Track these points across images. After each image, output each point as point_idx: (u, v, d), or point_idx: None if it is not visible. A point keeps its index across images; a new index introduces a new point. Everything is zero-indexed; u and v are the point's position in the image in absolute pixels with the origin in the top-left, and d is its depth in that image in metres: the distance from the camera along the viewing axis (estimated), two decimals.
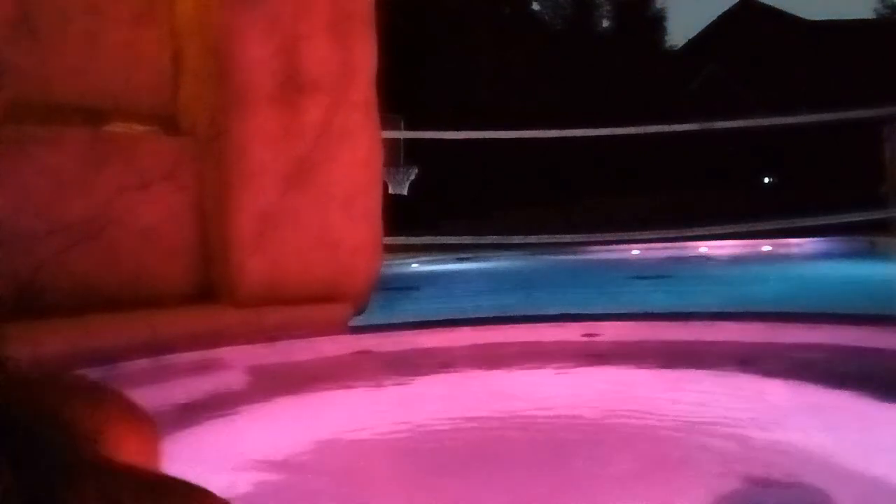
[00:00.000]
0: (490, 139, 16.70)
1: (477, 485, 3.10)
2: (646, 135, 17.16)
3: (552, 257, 14.44)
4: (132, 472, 0.54)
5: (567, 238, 15.32)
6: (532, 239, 15.73)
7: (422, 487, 3.14)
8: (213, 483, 0.61)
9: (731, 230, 14.56)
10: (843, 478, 2.94)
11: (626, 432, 3.67)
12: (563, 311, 7.01)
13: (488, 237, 16.18)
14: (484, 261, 15.15)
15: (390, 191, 14.26)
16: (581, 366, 5.17)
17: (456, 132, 16.04)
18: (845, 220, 13.75)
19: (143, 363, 5.06)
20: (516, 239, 15.91)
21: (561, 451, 3.45)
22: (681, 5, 36.05)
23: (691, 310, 6.91)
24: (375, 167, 7.37)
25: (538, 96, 26.09)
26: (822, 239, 14.36)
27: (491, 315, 7.11)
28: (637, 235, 15.44)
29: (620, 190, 24.90)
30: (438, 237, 16.13)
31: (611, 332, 6.10)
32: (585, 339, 5.95)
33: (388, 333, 6.49)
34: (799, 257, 13.10)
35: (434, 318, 6.99)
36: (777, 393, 4.27)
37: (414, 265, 14.28)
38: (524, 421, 3.93)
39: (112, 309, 5.96)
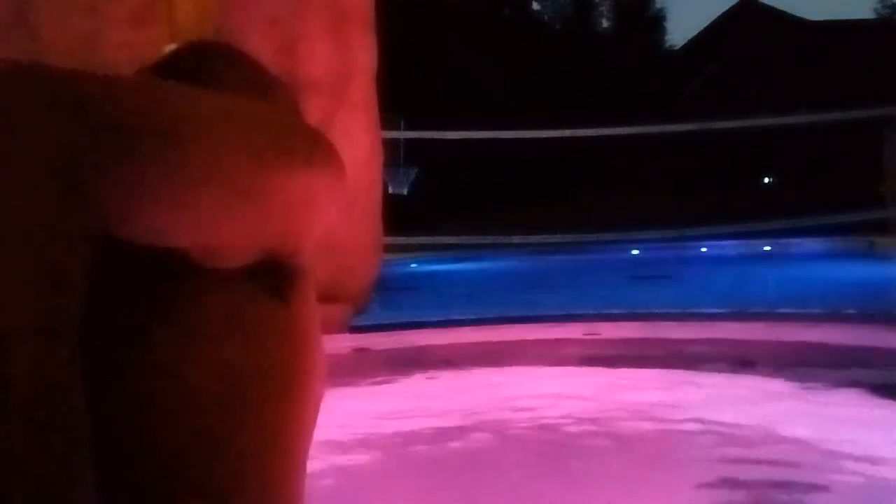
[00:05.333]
0: (490, 139, 16.69)
1: (475, 484, 3.10)
2: (646, 135, 17.15)
3: (552, 257, 14.43)
4: None
5: (567, 238, 15.31)
6: (532, 239, 15.71)
7: (420, 487, 3.14)
8: None
9: (731, 230, 14.55)
10: (844, 477, 2.94)
11: (625, 432, 3.67)
12: (563, 311, 7.01)
13: (488, 237, 16.17)
14: (484, 261, 15.14)
15: (390, 191, 14.24)
16: (581, 366, 5.17)
17: (456, 132, 16.02)
18: (845, 220, 13.73)
19: None
20: (516, 239, 15.90)
21: (560, 451, 3.44)
22: (681, 5, 36.10)
23: (691, 310, 6.91)
24: (375, 167, 7.36)
25: (538, 96, 26.09)
26: (822, 239, 14.34)
27: (491, 315, 7.11)
28: (637, 235, 15.43)
29: (620, 190, 24.87)
30: (438, 237, 16.12)
31: (610, 332, 6.10)
32: (585, 338, 5.96)
33: (388, 333, 6.49)
34: (799, 257, 13.10)
35: (434, 318, 6.99)
36: (777, 393, 4.26)
37: (414, 265, 14.27)
38: (523, 420, 3.93)
39: None
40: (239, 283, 0.51)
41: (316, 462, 3.23)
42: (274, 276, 0.53)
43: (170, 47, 0.57)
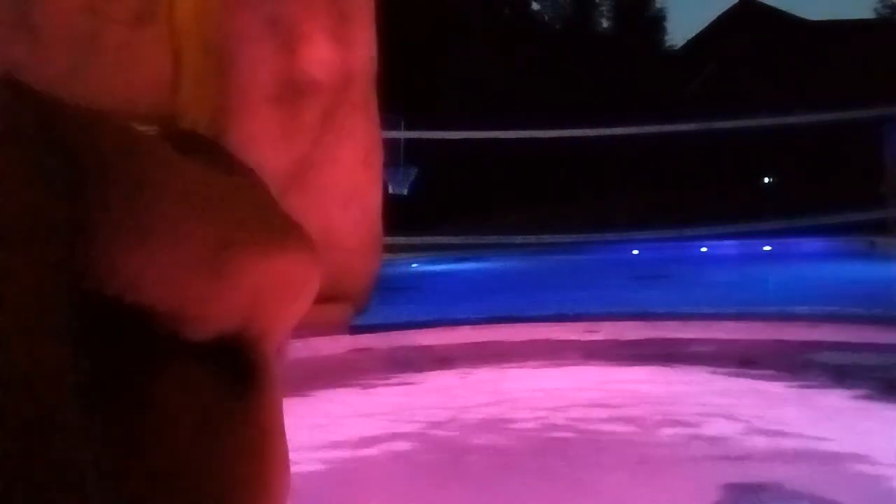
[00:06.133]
0: (490, 139, 16.70)
1: (476, 484, 3.10)
2: (646, 135, 17.16)
3: (552, 257, 14.44)
4: None
5: (567, 238, 15.33)
6: (532, 239, 15.73)
7: (421, 487, 3.14)
8: None
9: (731, 230, 14.56)
10: (844, 477, 2.94)
11: (625, 432, 3.67)
12: (563, 311, 7.01)
13: (488, 237, 16.19)
14: (484, 261, 15.15)
15: (390, 191, 14.25)
16: (581, 365, 5.18)
17: (456, 132, 16.04)
18: (845, 220, 13.75)
19: None
20: (516, 239, 15.92)
21: (560, 451, 3.44)
22: (681, 5, 36.13)
23: (691, 310, 6.91)
24: (375, 167, 7.36)
25: (538, 96, 26.09)
26: (822, 239, 14.35)
27: (491, 315, 7.11)
28: (637, 235, 15.45)
29: (620, 190, 24.89)
30: (438, 237, 16.13)
31: (610, 331, 6.11)
32: (585, 338, 5.96)
33: (388, 333, 6.49)
34: (799, 257, 13.10)
35: (434, 318, 6.99)
36: (777, 393, 4.27)
37: (414, 265, 14.28)
38: (523, 420, 3.93)
39: None
40: (202, 361, 0.51)
41: (317, 463, 3.21)
42: (237, 360, 0.53)
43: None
